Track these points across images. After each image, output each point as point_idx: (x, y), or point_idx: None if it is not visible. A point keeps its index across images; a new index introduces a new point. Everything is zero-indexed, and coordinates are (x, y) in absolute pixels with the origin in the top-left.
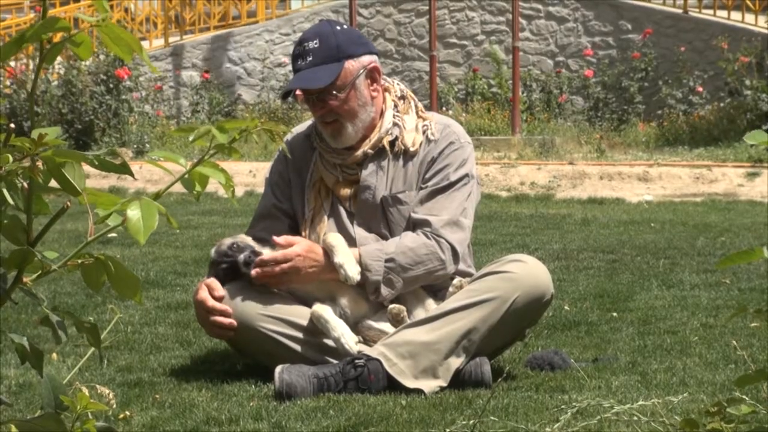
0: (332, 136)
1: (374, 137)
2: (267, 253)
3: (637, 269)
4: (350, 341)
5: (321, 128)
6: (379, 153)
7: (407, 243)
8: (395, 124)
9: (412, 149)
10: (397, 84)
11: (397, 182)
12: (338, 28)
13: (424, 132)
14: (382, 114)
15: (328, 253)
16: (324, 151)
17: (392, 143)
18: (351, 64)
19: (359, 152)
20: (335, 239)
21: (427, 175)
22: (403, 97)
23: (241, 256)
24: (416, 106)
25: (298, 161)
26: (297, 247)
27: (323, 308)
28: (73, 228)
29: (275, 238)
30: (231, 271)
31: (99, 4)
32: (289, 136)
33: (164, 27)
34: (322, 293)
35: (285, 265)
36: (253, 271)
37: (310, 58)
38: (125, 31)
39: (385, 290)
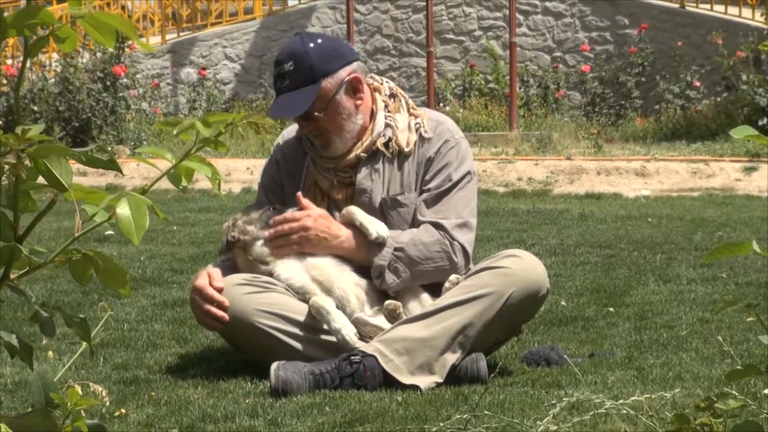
0: (322, 146)
1: (366, 140)
2: None
3: (634, 264)
4: (350, 333)
5: (311, 138)
6: (372, 155)
7: (422, 237)
8: (387, 125)
9: (406, 149)
10: (387, 82)
11: (394, 184)
12: (311, 45)
13: (417, 130)
14: (372, 115)
15: (349, 220)
16: (316, 156)
17: (386, 145)
18: (328, 83)
19: (352, 156)
20: (356, 208)
21: (427, 177)
22: (393, 95)
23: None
24: (407, 103)
25: (291, 165)
26: (311, 211)
27: (324, 299)
28: (70, 225)
29: (299, 194)
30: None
31: (73, 3)
32: (279, 140)
33: (161, 24)
34: (320, 286)
35: (295, 224)
36: (266, 232)
37: (288, 82)
38: (110, 15)
39: (389, 277)
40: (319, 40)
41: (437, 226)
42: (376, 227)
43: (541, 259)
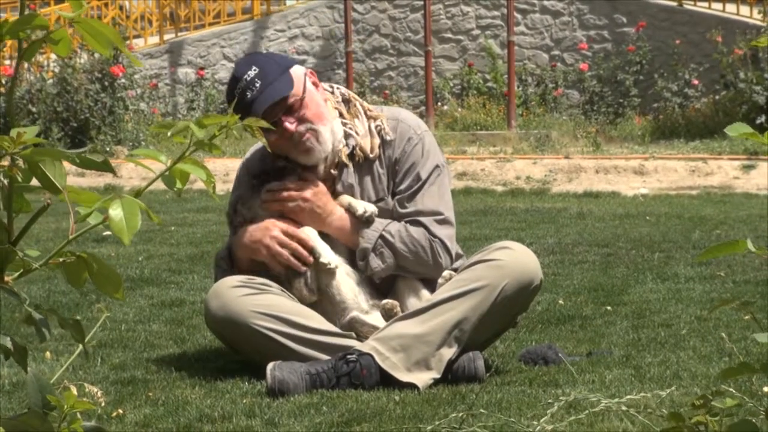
0: (311, 148)
1: (330, 156)
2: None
3: (632, 263)
4: (330, 258)
5: (296, 151)
6: (341, 169)
7: (411, 230)
8: (347, 135)
9: (371, 155)
10: (337, 88)
11: (368, 192)
12: (264, 51)
13: (378, 133)
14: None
15: (342, 206)
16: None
17: (351, 155)
18: (295, 72)
19: (321, 174)
20: (346, 195)
21: (397, 179)
22: (347, 101)
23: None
24: (362, 106)
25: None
26: (312, 186)
27: (310, 231)
28: (67, 226)
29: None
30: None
31: (75, 3)
32: (244, 162)
33: (159, 24)
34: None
35: (294, 193)
36: (265, 195)
37: (260, 83)
38: (104, 25)
39: (374, 261)
40: (265, 51)
41: (417, 224)
42: (364, 205)
43: (539, 257)
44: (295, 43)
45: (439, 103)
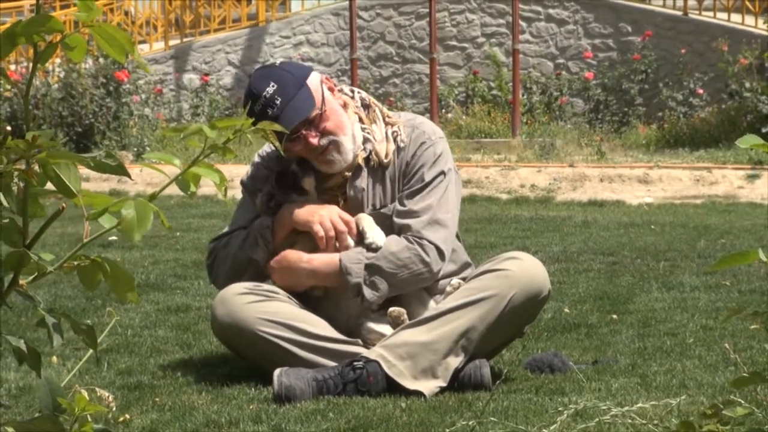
0: (332, 158)
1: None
2: None
3: (637, 271)
4: (378, 240)
5: (317, 162)
6: (356, 171)
7: (390, 247)
8: (366, 139)
9: (385, 161)
10: (358, 93)
11: (379, 197)
12: (278, 63)
13: (394, 139)
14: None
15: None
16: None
17: (367, 159)
18: (312, 83)
19: (337, 176)
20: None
21: (405, 181)
22: (366, 106)
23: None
24: (381, 112)
25: None
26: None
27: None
28: (73, 231)
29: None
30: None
31: (83, 4)
32: (262, 153)
33: (164, 30)
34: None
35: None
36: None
37: (280, 100)
38: (118, 30)
39: (369, 293)
40: (278, 61)
41: (405, 228)
42: (374, 235)
43: (545, 266)
44: (300, 50)
45: (444, 111)
